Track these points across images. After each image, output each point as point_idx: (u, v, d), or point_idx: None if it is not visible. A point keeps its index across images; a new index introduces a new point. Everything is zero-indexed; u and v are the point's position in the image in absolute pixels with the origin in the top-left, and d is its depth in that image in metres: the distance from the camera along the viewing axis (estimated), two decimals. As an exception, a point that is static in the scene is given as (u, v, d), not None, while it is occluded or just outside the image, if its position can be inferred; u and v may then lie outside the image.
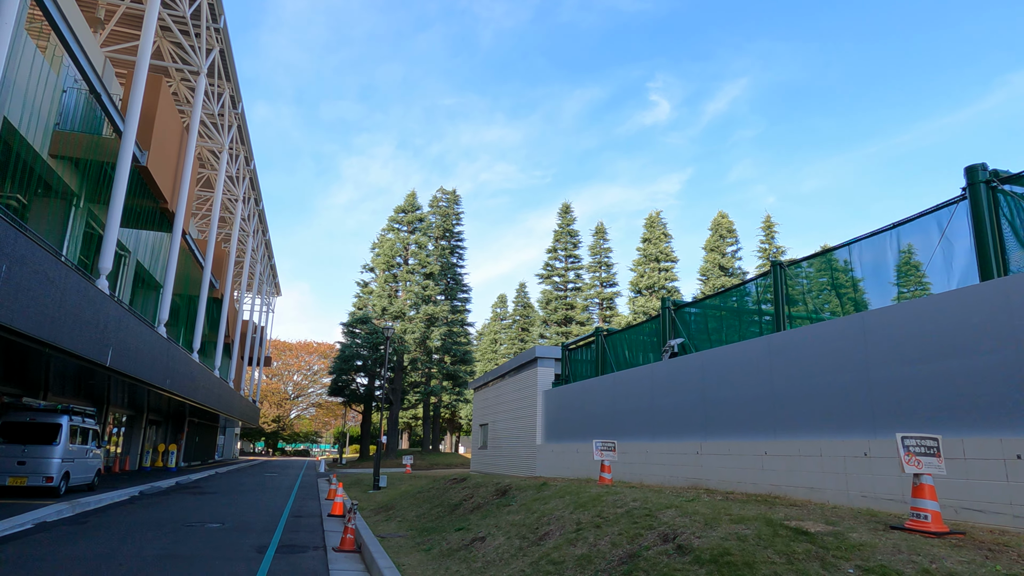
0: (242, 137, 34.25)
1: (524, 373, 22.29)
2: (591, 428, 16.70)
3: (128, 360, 17.16)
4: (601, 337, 17.63)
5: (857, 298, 9.67)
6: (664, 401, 13.37)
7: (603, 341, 17.59)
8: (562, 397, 19.16)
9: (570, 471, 17.15)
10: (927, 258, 8.59)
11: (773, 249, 54.65)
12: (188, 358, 25.34)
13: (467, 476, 14.53)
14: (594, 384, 16.98)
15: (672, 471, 12.64)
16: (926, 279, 8.75)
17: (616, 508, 6.95)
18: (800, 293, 10.90)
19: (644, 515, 6.30)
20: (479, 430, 28.56)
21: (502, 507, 9.98)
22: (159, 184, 21.08)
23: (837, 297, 9.85)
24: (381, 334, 44.99)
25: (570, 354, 20.22)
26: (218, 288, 36.45)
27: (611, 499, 7.51)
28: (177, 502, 17.01)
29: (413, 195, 51.21)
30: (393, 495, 17.46)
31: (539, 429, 20.54)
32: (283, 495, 20.14)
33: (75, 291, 13.30)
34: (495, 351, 71.82)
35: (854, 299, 9.49)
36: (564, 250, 58.57)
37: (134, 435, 32.61)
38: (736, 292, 12.40)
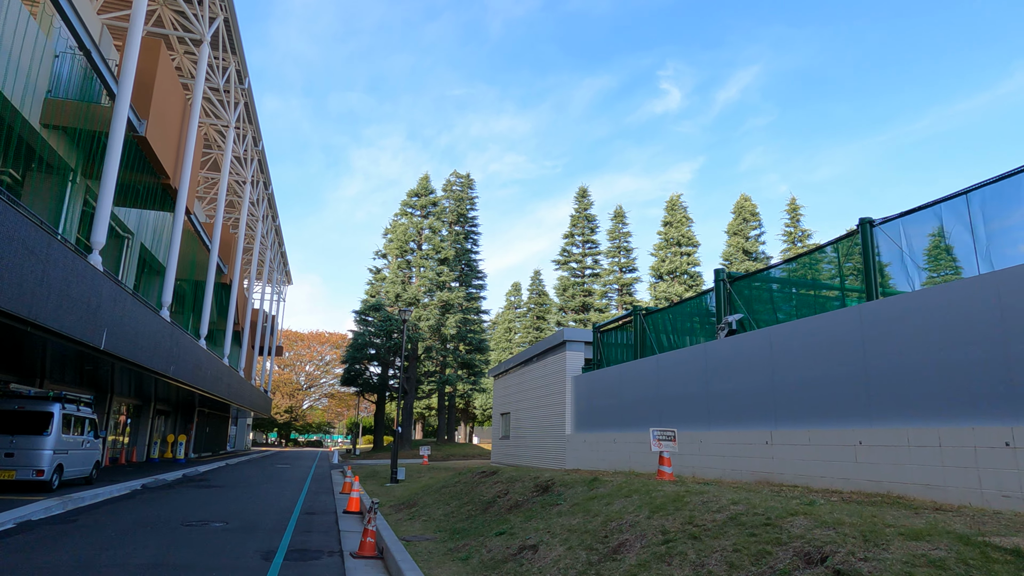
0: (249, 115, 32.82)
1: (551, 358, 20.80)
2: (631, 416, 15.20)
3: (126, 344, 15.83)
4: (640, 316, 16.09)
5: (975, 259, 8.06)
6: (722, 385, 11.83)
7: (642, 321, 16.05)
8: (595, 383, 17.67)
9: (607, 463, 15.67)
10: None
11: (799, 233, 52.74)
12: (194, 344, 24.06)
13: (497, 469, 13.08)
14: (633, 368, 15.46)
15: (733, 463, 11.11)
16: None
17: (712, 513, 5.49)
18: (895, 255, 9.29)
19: (761, 524, 4.83)
20: (500, 419, 27.15)
21: (548, 506, 8.51)
22: (160, 157, 19.69)
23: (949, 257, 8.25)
24: (394, 321, 43.65)
25: (602, 337, 18.70)
26: (226, 273, 35.18)
27: (697, 500, 6.04)
28: (180, 497, 15.71)
29: (426, 179, 49.66)
30: (414, 489, 16.06)
31: (568, 418, 19.08)
32: (294, 489, 18.83)
33: (60, 264, 11.92)
34: (509, 340, 70.42)
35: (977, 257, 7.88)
36: (581, 235, 56.90)
37: (141, 425, 31.49)
38: (806, 260, 10.79)
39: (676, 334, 14.81)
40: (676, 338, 14.78)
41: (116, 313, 15.13)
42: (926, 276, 8.63)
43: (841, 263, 9.87)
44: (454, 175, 53.35)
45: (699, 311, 14.10)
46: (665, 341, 15.09)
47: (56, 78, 18.45)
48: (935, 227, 8.34)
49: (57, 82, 18.41)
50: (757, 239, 53.18)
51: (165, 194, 22.84)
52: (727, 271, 12.73)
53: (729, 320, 12.01)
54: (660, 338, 15.34)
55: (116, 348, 15.16)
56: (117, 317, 15.20)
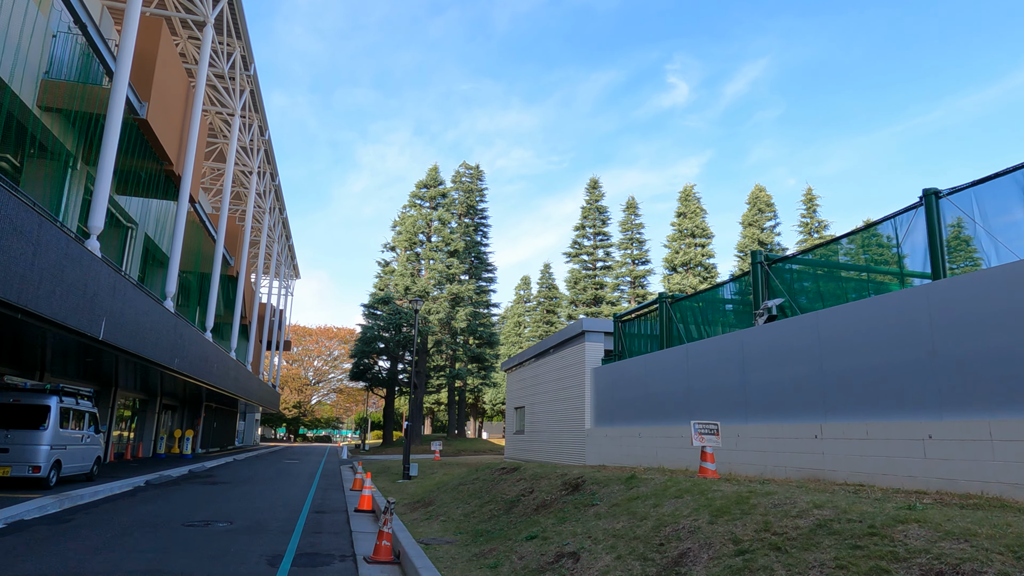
0: (255, 103, 32.09)
1: (568, 349, 19.98)
2: (657, 409, 14.37)
3: (127, 334, 15.12)
4: (666, 304, 15.23)
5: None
6: (761, 375, 10.97)
7: (668, 309, 15.19)
8: (616, 375, 16.84)
9: (632, 458, 14.85)
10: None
11: (815, 223, 51.64)
12: (200, 337, 23.39)
13: (518, 465, 12.28)
14: (659, 359, 14.62)
15: (776, 459, 10.27)
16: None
17: (791, 518, 4.68)
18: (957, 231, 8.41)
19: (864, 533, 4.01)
20: (514, 414, 26.37)
21: (582, 507, 7.71)
22: (162, 142, 18.96)
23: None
24: (403, 314, 42.92)
25: (624, 326, 17.86)
26: (233, 265, 34.54)
27: (765, 502, 5.23)
28: (184, 494, 15.01)
29: (435, 169, 48.83)
30: (428, 486, 15.30)
31: (588, 411, 18.26)
32: (303, 485, 18.12)
33: (53, 247, 11.19)
34: (519, 334, 69.65)
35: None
36: (592, 227, 55.96)
37: (147, 420, 30.91)
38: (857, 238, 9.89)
39: (706, 322, 13.95)
40: (706, 326, 13.92)
41: (116, 302, 14.42)
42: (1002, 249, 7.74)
43: (900, 241, 8.99)
44: (463, 166, 52.52)
45: (732, 297, 13.24)
46: (694, 330, 14.24)
47: (54, 59, 17.75)
48: (1016, 196, 7.44)
49: (55, 63, 17.71)
50: (772, 230, 52.14)
51: (168, 181, 22.13)
52: (764, 253, 11.86)
53: (768, 305, 11.15)
54: (688, 327, 14.48)
55: (116, 339, 14.45)
56: (117, 306, 14.49)
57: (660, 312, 15.30)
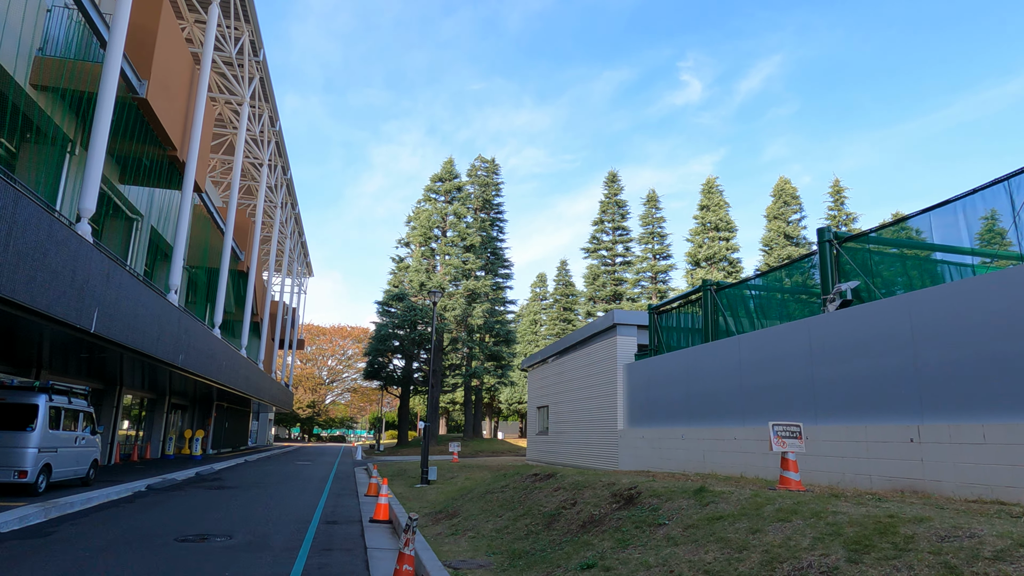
0: (265, 92, 30.97)
1: (598, 344, 18.59)
2: (704, 408, 12.96)
3: (123, 328, 13.95)
4: (710, 292, 13.81)
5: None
6: (834, 368, 9.53)
7: (713, 297, 13.77)
8: (653, 371, 15.43)
9: (674, 463, 13.44)
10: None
11: (843, 216, 49.79)
12: (207, 332, 22.26)
13: (553, 471, 10.93)
14: (705, 353, 13.20)
15: (857, 465, 8.83)
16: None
17: (987, 562, 3.33)
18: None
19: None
20: (536, 414, 25.02)
21: (645, 527, 6.35)
22: (164, 124, 17.82)
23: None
24: (419, 311, 41.69)
25: (660, 319, 16.45)
26: (243, 260, 33.46)
27: (924, 532, 3.87)
28: (186, 501, 13.81)
29: (451, 162, 47.54)
30: (450, 492, 13.99)
31: (621, 411, 16.87)
32: (315, 490, 16.90)
33: (33, 227, 10.00)
34: (535, 332, 68.30)
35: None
36: (611, 222, 54.46)
37: (155, 420, 29.90)
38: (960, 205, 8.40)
39: (760, 312, 12.52)
40: (760, 316, 12.50)
41: (111, 292, 13.24)
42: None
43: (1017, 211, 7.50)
44: (479, 159, 51.21)
45: (791, 282, 11.80)
46: (746, 320, 12.81)
47: (48, 36, 16.66)
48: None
49: (50, 40, 16.61)
50: (798, 223, 50.36)
51: (172, 168, 21.03)
52: (833, 230, 10.41)
53: (842, 288, 9.71)
54: (738, 317, 13.06)
55: (111, 332, 13.29)
56: (112, 297, 13.32)
57: (704, 301, 13.87)
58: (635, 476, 9.32)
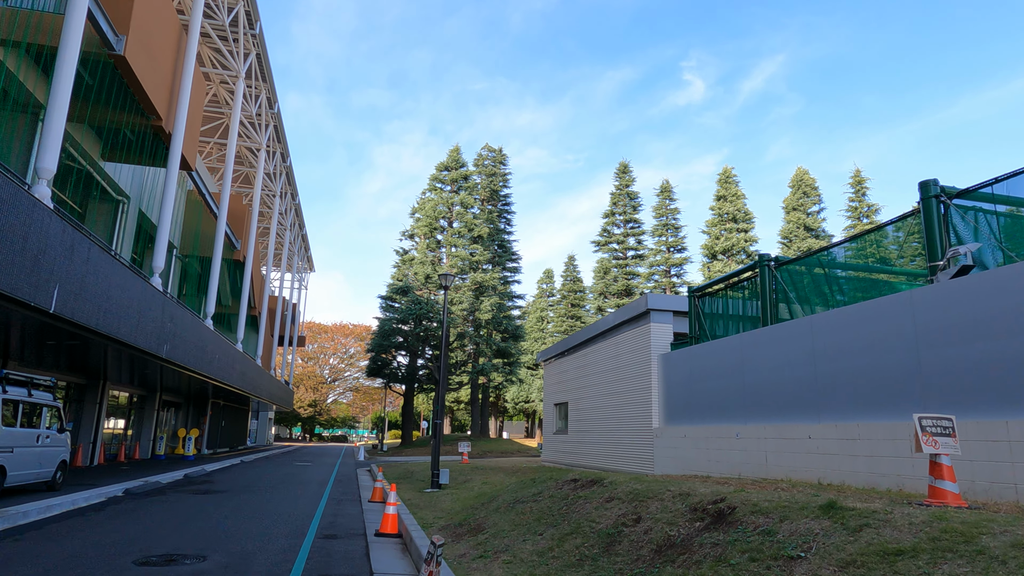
0: (262, 70, 29.19)
1: (627, 333, 16.76)
2: (763, 403, 11.12)
3: (94, 310, 12.16)
4: (767, 269, 11.96)
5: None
6: (951, 352, 7.69)
7: (771, 275, 11.92)
8: (696, 361, 13.59)
9: (727, 466, 11.60)
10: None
11: (865, 208, 47.89)
12: (197, 322, 20.48)
13: (598, 476, 9.09)
14: (763, 338, 11.35)
15: (998, 472, 6.98)
16: None
17: None
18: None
19: None
20: (553, 411, 23.18)
21: (769, 560, 4.54)
22: (146, 88, 16.02)
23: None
24: (424, 305, 39.85)
25: (701, 303, 14.61)
26: (239, 249, 31.66)
27: None
28: (164, 509, 12.00)
29: (457, 150, 45.65)
30: (467, 500, 12.15)
31: (656, 407, 15.04)
32: (313, 495, 15.09)
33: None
34: (542, 329, 66.48)
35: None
36: (622, 214, 52.56)
37: (145, 418, 28.13)
38: None
39: (834, 286, 10.67)
40: (835, 292, 10.65)
41: (75, 268, 11.45)
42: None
43: None
44: (486, 148, 49.32)
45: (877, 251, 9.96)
46: (816, 299, 10.97)
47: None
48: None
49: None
50: (817, 215, 48.46)
51: (158, 142, 19.24)
52: (940, 185, 8.56)
53: (960, 251, 7.86)
54: (806, 296, 11.21)
55: (78, 314, 11.50)
56: (77, 273, 11.53)
57: (761, 280, 12.02)
58: (724, 487, 7.47)
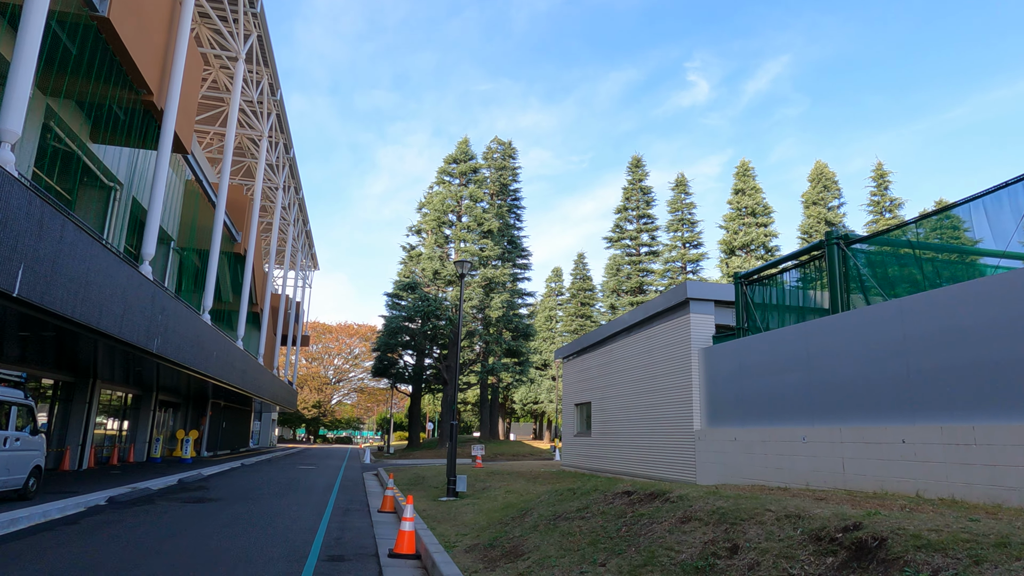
0: (264, 54, 27.79)
1: (662, 326, 15.25)
2: (837, 401, 9.61)
3: (69, 297, 10.73)
4: (837, 247, 10.44)
5: None
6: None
7: (843, 254, 10.40)
8: (748, 355, 12.08)
9: (790, 474, 10.09)
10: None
11: (887, 202, 46.25)
12: (193, 316, 19.05)
13: (661, 489, 7.57)
14: (835, 327, 9.83)
15: None
16: None
17: None
18: None
19: None
20: (574, 412, 21.67)
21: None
22: (134, 57, 14.60)
23: None
24: (432, 301, 38.38)
25: (750, 290, 13.09)
26: (240, 242, 30.27)
27: None
28: (148, 522, 10.55)
29: (466, 142, 44.14)
30: (492, 512, 10.65)
31: (697, 407, 13.53)
32: (316, 504, 13.63)
33: None
34: (551, 329, 64.96)
35: None
36: (635, 209, 50.99)
37: (140, 419, 26.72)
38: None
39: (927, 267, 9.15)
40: (926, 272, 9.13)
41: (46, 247, 10.03)
42: None
43: None
44: (495, 141, 47.82)
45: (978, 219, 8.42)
46: (903, 282, 9.46)
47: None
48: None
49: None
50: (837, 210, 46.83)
51: (150, 121, 17.83)
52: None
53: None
54: (886, 276, 9.70)
55: (49, 300, 10.07)
56: (48, 253, 10.10)
57: (829, 260, 10.49)
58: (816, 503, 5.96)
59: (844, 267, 10.29)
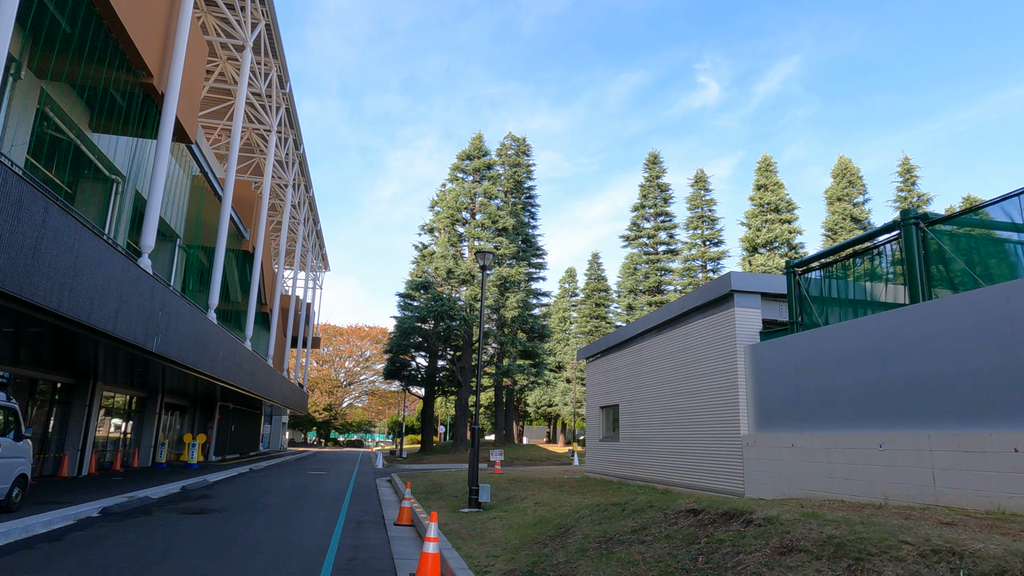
0: (272, 44, 26.85)
1: (702, 321, 14.02)
2: (923, 403, 8.35)
3: (53, 287, 9.68)
4: (915, 228, 9.18)
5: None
6: None
7: (922, 236, 9.14)
8: (804, 352, 10.83)
9: (863, 486, 8.84)
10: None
11: (915, 198, 44.68)
12: (196, 314, 18.02)
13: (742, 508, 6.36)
14: (921, 317, 8.58)
15: None
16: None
17: None
18: None
19: None
20: (599, 415, 20.44)
21: None
22: (131, 35, 13.59)
23: None
24: (445, 301, 37.26)
25: (804, 282, 11.84)
26: (248, 239, 29.29)
27: None
28: (138, 540, 9.45)
29: (479, 138, 43.04)
30: (524, 528, 9.46)
31: (744, 409, 12.28)
32: (327, 516, 12.50)
33: None
34: (565, 330, 63.71)
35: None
36: (652, 207, 49.66)
37: (145, 423, 25.75)
38: None
39: None
40: None
41: (25, 230, 8.97)
42: None
43: None
44: (509, 138, 46.72)
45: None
46: (1000, 267, 8.20)
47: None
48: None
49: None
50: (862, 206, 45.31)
51: (151, 107, 16.82)
52: None
53: None
54: (979, 263, 8.44)
55: (29, 291, 9.01)
56: (28, 239, 9.05)
57: (907, 243, 9.22)
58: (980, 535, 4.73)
59: (924, 250, 9.04)
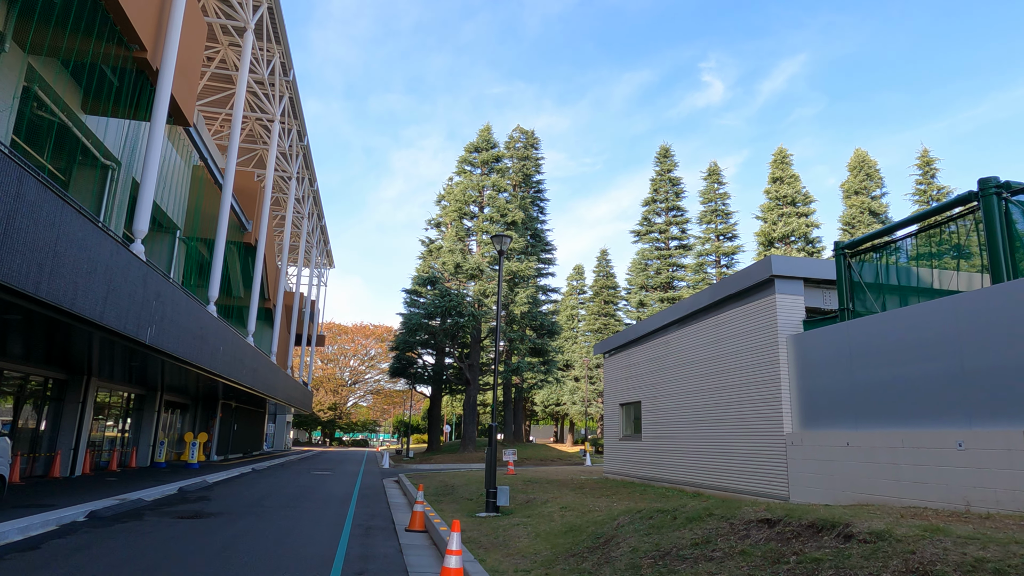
0: (275, 29, 25.89)
1: (737, 310, 12.98)
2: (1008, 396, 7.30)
3: (28, 267, 8.71)
4: (996, 199, 8.13)
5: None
6: None
7: (1004, 208, 8.09)
8: (860, 342, 9.79)
9: (936, 491, 7.80)
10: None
11: (935, 191, 43.48)
12: (195, 306, 17.06)
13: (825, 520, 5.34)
14: (1009, 297, 7.53)
15: None
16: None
17: None
18: None
19: None
20: (619, 413, 19.41)
21: None
22: (121, 2, 12.60)
23: None
24: (453, 297, 36.27)
25: (856, 265, 10.79)
26: (250, 232, 28.35)
27: None
28: (123, 549, 8.48)
29: (488, 130, 42.00)
30: (554, 537, 8.43)
31: (788, 405, 11.25)
32: (333, 520, 11.52)
33: None
34: (573, 328, 62.70)
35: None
36: (664, 201, 48.56)
37: (144, 421, 24.84)
38: None
39: None
40: None
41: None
42: None
43: None
44: (517, 130, 45.70)
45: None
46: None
47: None
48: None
49: None
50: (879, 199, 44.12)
51: (145, 85, 15.87)
52: None
53: None
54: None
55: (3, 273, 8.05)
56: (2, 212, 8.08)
57: (987, 216, 8.17)
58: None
59: (1008, 224, 7.99)
